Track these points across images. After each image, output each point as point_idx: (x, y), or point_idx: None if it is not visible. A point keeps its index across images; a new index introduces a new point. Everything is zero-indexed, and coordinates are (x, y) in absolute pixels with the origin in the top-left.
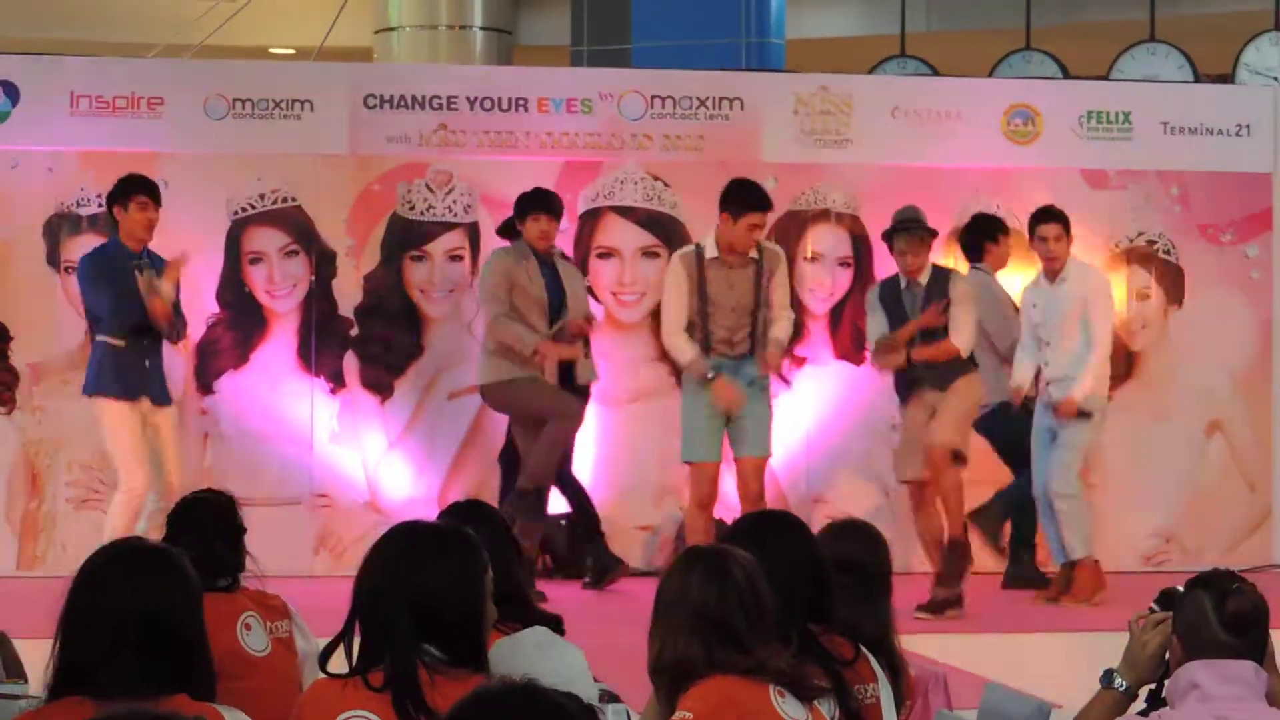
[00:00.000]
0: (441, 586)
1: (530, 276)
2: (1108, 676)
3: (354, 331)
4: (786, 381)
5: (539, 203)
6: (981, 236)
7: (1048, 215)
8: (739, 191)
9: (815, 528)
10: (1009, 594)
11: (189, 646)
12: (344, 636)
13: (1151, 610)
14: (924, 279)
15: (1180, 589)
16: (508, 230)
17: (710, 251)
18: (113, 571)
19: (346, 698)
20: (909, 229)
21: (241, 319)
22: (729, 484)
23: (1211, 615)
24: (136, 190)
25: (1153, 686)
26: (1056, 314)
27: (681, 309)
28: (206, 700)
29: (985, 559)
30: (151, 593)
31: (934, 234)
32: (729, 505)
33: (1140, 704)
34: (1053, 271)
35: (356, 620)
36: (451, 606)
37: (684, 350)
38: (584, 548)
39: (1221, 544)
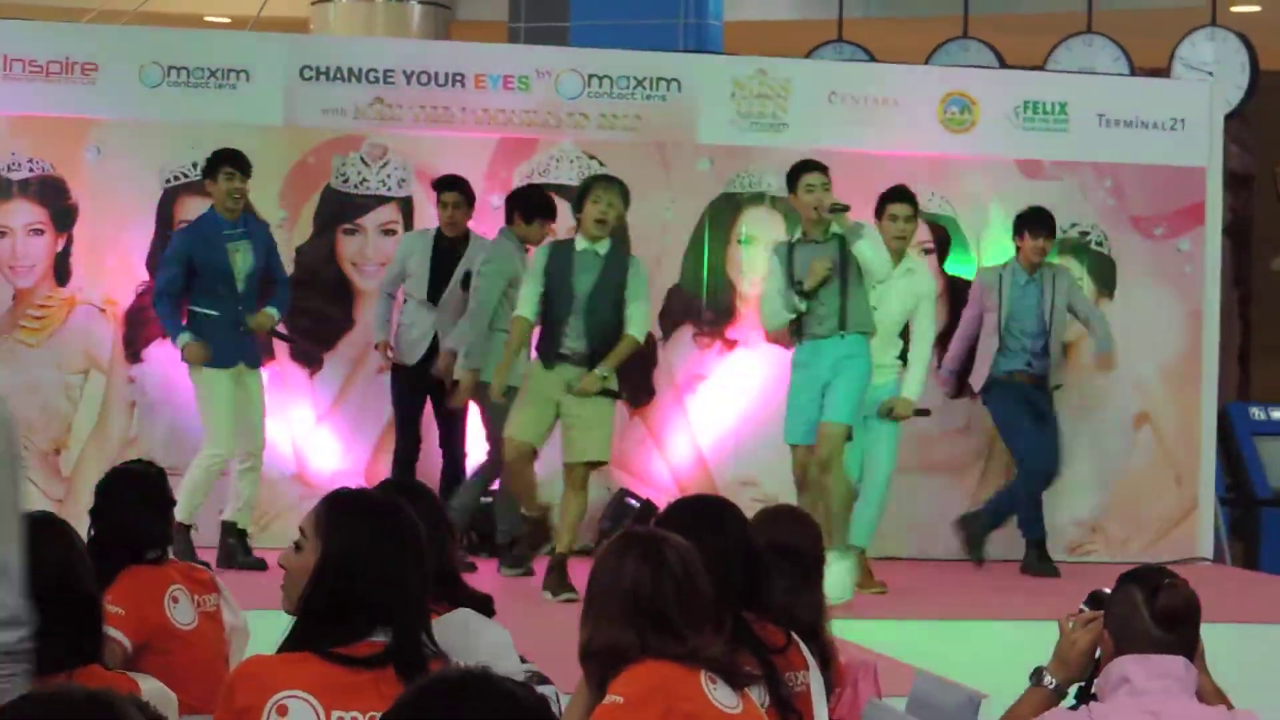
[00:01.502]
0: (421, 564)
1: (421, 257)
2: (1037, 674)
3: None
4: None
5: (446, 184)
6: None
7: (900, 195)
8: (794, 167)
9: (744, 510)
10: (940, 579)
11: (93, 614)
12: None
13: (1082, 610)
14: None
15: (1109, 591)
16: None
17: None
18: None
19: (282, 677)
20: None
21: None
22: (660, 466)
23: (1143, 610)
24: (223, 162)
25: (1082, 683)
26: (889, 299)
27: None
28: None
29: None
30: (49, 562)
31: None
32: (663, 488)
33: (1069, 700)
34: (897, 253)
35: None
36: (422, 585)
37: (779, 312)
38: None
39: (1147, 536)
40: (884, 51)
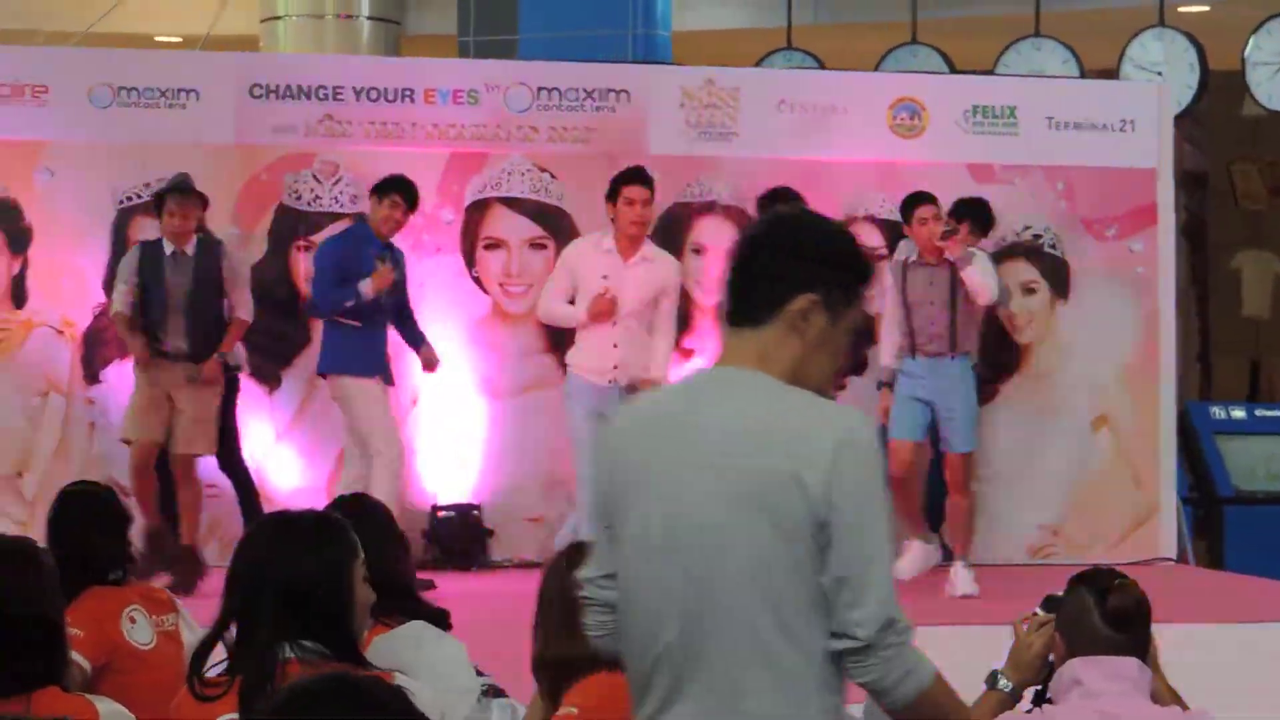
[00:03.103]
0: (309, 574)
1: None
2: (993, 678)
3: None
4: None
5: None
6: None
7: (639, 177)
8: (909, 199)
9: None
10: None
11: (56, 637)
12: (217, 635)
13: (1035, 614)
14: None
15: (1058, 596)
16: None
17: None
18: None
19: (216, 707)
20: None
21: None
22: None
23: (1094, 611)
24: (392, 189)
25: (1038, 687)
26: (638, 296)
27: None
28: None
29: None
30: (13, 586)
31: None
32: None
33: (1026, 704)
34: (634, 243)
35: (231, 617)
36: (321, 595)
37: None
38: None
39: (1108, 538)
40: (833, 58)
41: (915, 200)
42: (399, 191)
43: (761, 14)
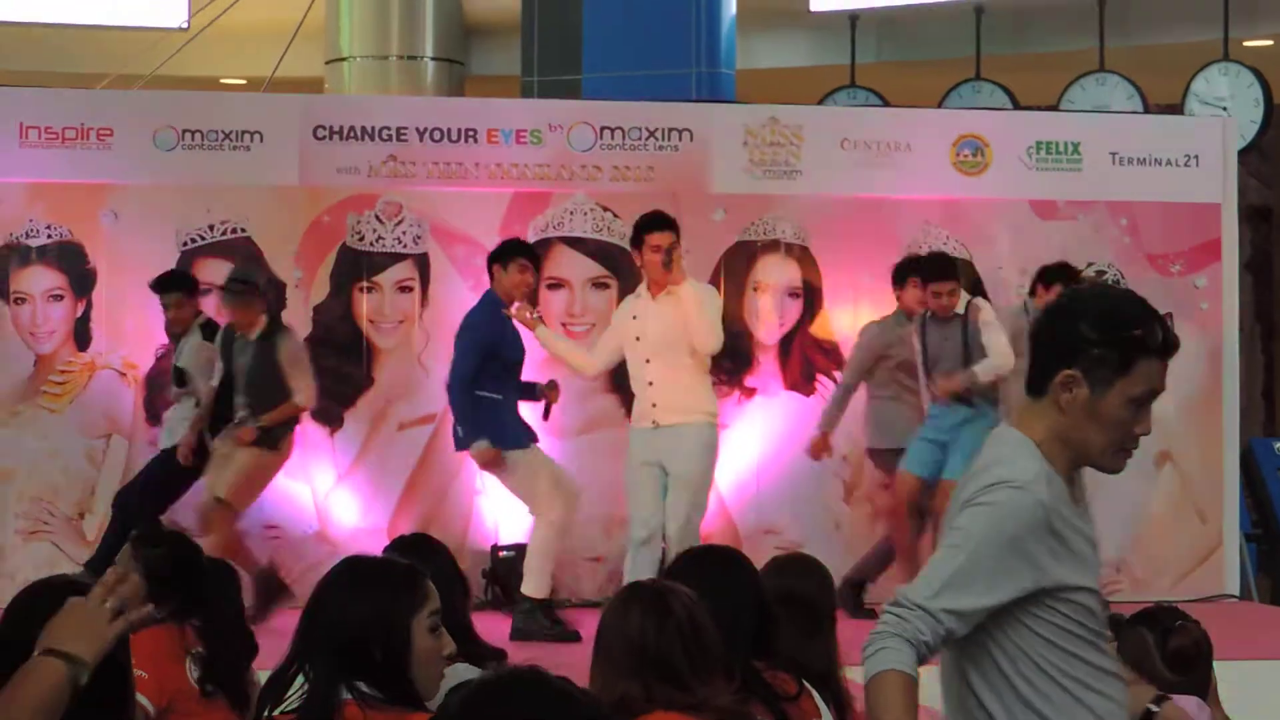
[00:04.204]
0: (360, 619)
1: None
2: None
3: None
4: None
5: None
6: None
7: (660, 223)
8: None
9: (765, 559)
10: None
11: (123, 682)
12: (282, 676)
13: None
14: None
15: (1124, 616)
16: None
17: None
18: (41, 606)
19: None
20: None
21: None
22: None
23: (1155, 653)
24: (517, 254)
25: None
26: (665, 329)
27: None
28: None
29: None
30: None
31: None
32: None
33: None
34: (663, 285)
35: (296, 658)
36: (371, 639)
37: None
38: None
39: (1172, 574)
40: (897, 95)
41: (933, 275)
42: (525, 255)
43: (825, 52)
